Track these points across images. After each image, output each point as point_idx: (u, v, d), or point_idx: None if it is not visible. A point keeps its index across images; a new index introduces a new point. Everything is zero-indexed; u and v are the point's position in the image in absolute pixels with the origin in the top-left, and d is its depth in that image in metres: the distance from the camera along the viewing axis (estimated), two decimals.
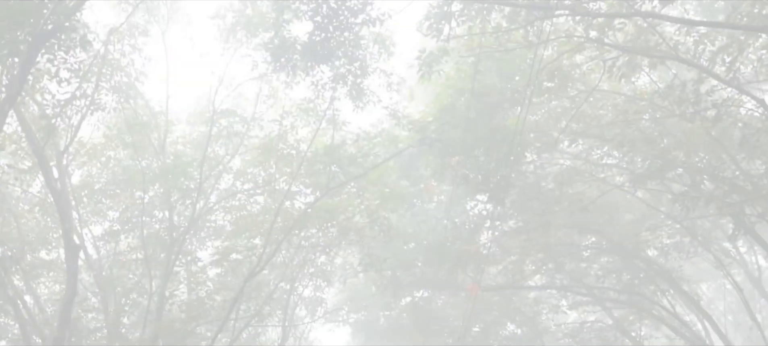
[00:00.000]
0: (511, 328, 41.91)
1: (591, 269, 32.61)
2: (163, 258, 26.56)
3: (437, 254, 28.86)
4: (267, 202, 27.43)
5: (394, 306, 40.56)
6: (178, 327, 25.74)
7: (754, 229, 22.78)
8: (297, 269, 32.50)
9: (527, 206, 28.26)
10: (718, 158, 21.88)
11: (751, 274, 40.58)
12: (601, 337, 35.73)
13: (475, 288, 27.93)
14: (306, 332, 45.53)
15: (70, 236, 19.68)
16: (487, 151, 24.45)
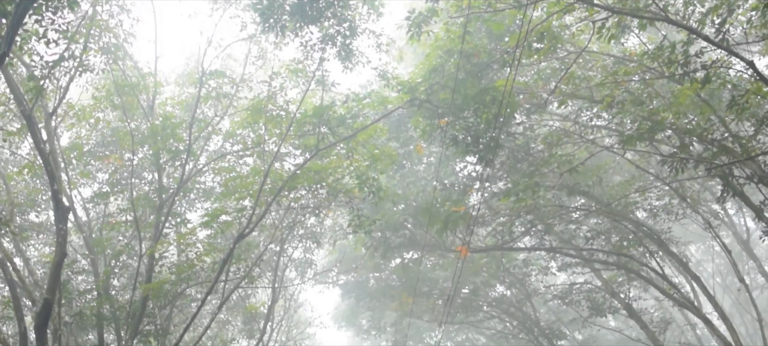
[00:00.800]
0: (500, 289, 42.15)
1: (580, 230, 32.75)
2: (153, 220, 26.55)
3: (426, 215, 28.88)
4: (256, 163, 27.37)
5: (383, 268, 40.76)
6: (168, 289, 25.76)
7: (742, 191, 22.82)
8: (286, 231, 32.54)
9: (516, 167, 28.29)
10: (707, 120, 21.90)
11: (740, 236, 40.80)
12: (589, 298, 35.90)
13: (464, 250, 27.99)
14: (296, 294, 45.67)
15: (59, 198, 19.63)
16: (476, 112, 24.42)
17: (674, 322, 40.99)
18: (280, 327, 43.73)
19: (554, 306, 44.35)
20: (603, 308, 35.78)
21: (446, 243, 33.64)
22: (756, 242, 39.93)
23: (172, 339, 27.34)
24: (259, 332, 37.44)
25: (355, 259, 42.58)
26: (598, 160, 28.87)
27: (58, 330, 21.33)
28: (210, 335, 37.32)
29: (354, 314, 50.90)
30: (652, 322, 34.43)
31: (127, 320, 24.69)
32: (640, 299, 36.82)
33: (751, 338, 52.94)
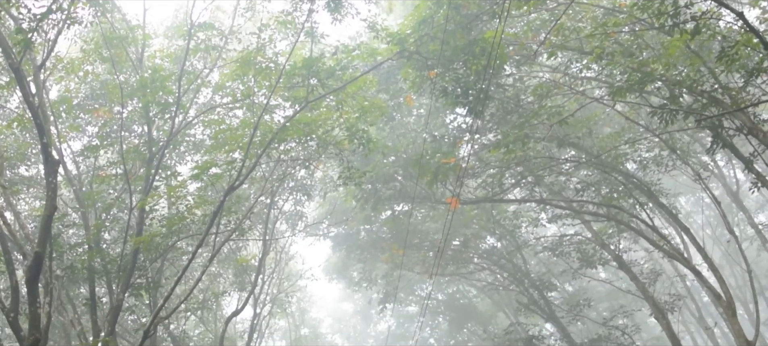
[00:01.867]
0: (490, 241, 42.30)
1: (570, 182, 32.82)
2: (143, 173, 26.51)
3: (416, 167, 28.90)
4: (246, 116, 27.30)
5: (374, 220, 40.86)
6: (159, 242, 25.78)
7: (732, 142, 22.88)
8: (277, 183, 32.55)
9: (506, 119, 28.30)
10: (696, 71, 21.87)
11: (729, 187, 40.98)
12: (580, 250, 36.09)
13: (455, 201, 28.04)
14: (286, 246, 45.80)
15: (49, 152, 19.57)
16: (465, 64, 24.37)
17: (664, 273, 41.23)
18: (272, 279, 43.89)
19: (544, 258, 44.60)
20: (593, 259, 35.98)
21: (436, 195, 33.69)
22: (745, 194, 40.20)
23: (164, 292, 27.45)
24: (250, 284, 37.58)
25: (345, 211, 42.69)
26: (587, 112, 28.86)
27: (49, 284, 21.35)
28: (201, 288, 37.49)
29: (345, 266, 51.13)
30: (642, 273, 34.67)
31: (119, 274, 24.73)
32: (630, 251, 37.01)
33: (741, 289, 53.35)
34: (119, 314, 25.35)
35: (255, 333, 41.90)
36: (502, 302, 50.87)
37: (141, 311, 33.26)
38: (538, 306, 39.32)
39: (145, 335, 20.98)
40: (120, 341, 31.58)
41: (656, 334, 52.70)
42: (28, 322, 18.83)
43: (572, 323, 40.92)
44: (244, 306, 37.40)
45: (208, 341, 41.86)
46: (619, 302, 44.60)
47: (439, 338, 64.90)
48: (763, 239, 36.52)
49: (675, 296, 35.68)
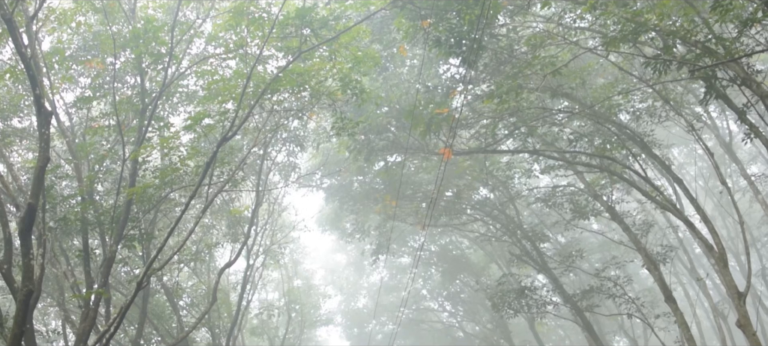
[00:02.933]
0: (483, 192, 42.35)
1: (563, 133, 32.78)
2: (136, 124, 26.43)
3: (409, 118, 28.84)
4: (239, 66, 27.15)
5: (367, 171, 40.87)
6: (152, 193, 25.77)
7: (725, 93, 22.85)
8: (270, 134, 32.49)
9: (499, 69, 28.22)
10: (690, 22, 21.79)
11: (722, 139, 41.05)
12: (572, 201, 36.17)
13: (448, 152, 28.03)
14: (279, 197, 45.86)
15: (42, 103, 19.46)
16: (459, 13, 24.25)
17: (656, 224, 41.37)
18: (264, 231, 44.00)
19: (537, 209, 44.74)
20: (586, 210, 36.08)
21: (429, 146, 33.68)
22: (738, 145, 40.26)
23: (157, 243, 27.46)
24: (243, 235, 37.70)
25: (338, 162, 42.71)
26: (581, 63, 28.79)
27: (42, 235, 21.34)
28: (194, 240, 37.56)
29: (338, 217, 51.20)
30: (635, 224, 34.76)
31: (112, 225, 24.71)
32: (623, 202, 37.12)
33: (733, 240, 53.64)
34: (112, 266, 25.37)
35: (248, 284, 42.07)
36: (495, 253, 51.07)
37: (134, 263, 33.35)
38: (531, 257, 39.48)
39: (138, 286, 21.01)
40: (113, 292, 31.69)
41: (648, 285, 53.05)
42: (21, 273, 18.85)
43: (564, 275, 41.16)
44: (237, 257, 37.54)
45: (201, 292, 42.03)
46: (612, 253, 44.80)
47: (431, 289, 65.28)
48: (756, 190, 36.61)
49: (667, 248, 35.84)
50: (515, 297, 39.75)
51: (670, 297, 29.58)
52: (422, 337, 71.73)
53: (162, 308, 37.43)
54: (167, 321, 37.58)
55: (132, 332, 35.12)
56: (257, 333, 56.83)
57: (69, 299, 28.76)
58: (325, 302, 67.52)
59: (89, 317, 22.49)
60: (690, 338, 28.96)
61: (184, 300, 40.45)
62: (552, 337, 71.22)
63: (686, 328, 29.12)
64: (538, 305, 40.20)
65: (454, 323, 68.42)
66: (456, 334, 68.49)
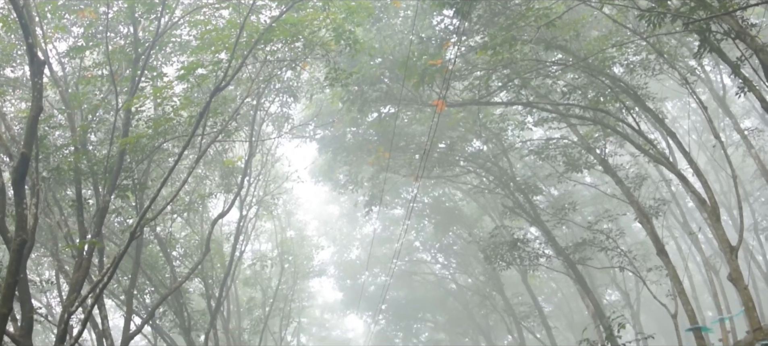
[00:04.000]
0: (476, 144, 42.40)
1: (556, 85, 32.75)
2: (129, 74, 26.32)
3: (403, 69, 28.79)
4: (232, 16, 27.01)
5: (360, 122, 40.83)
6: (145, 143, 25.74)
7: (719, 46, 22.82)
8: (263, 85, 32.43)
9: (493, 20, 28.11)
10: None
11: (716, 92, 41.02)
12: (565, 154, 36.20)
13: (441, 104, 28.04)
14: (273, 148, 45.85)
15: (34, 52, 19.35)
16: None
17: (649, 178, 41.51)
18: (258, 181, 44.04)
19: (530, 161, 44.76)
20: (579, 163, 36.14)
21: (423, 97, 33.66)
22: (732, 99, 40.20)
23: (150, 194, 27.48)
24: (236, 186, 37.70)
25: (331, 113, 42.66)
26: (575, 15, 28.70)
27: (35, 185, 21.34)
28: (188, 190, 37.57)
29: (331, 168, 51.21)
30: (628, 177, 34.84)
31: (105, 175, 24.72)
32: (616, 155, 37.20)
33: (725, 194, 53.82)
34: (106, 216, 25.43)
35: (241, 235, 42.17)
36: (488, 206, 51.20)
37: (127, 213, 33.39)
38: (524, 210, 39.60)
39: (131, 236, 21.05)
40: (106, 242, 31.77)
41: (641, 238, 53.22)
42: (14, 223, 18.88)
43: (557, 227, 41.32)
44: (230, 208, 37.60)
45: (195, 242, 42.11)
46: (604, 207, 44.94)
47: (424, 240, 65.51)
48: (749, 144, 36.69)
49: (660, 201, 35.95)
50: (508, 249, 39.94)
51: (663, 250, 29.74)
52: (415, 288, 72.10)
53: (155, 258, 37.52)
54: (160, 271, 37.70)
55: (125, 282, 35.18)
56: (250, 284, 57.07)
57: (62, 249, 28.76)
58: (318, 254, 67.78)
59: (83, 267, 22.56)
60: (682, 291, 29.16)
61: (177, 250, 40.52)
62: (544, 289, 71.64)
63: (678, 281, 29.31)
64: (530, 258, 40.40)
65: (446, 274, 68.75)
66: (448, 286, 68.86)
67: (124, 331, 29.21)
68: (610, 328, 31.71)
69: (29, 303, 20.11)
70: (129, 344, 28.93)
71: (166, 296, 33.00)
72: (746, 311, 24.90)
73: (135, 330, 30.62)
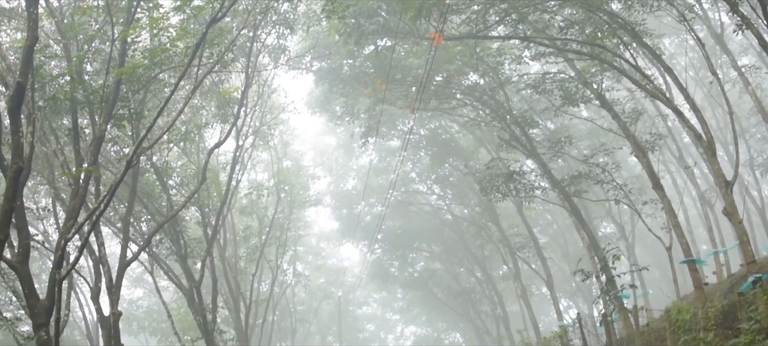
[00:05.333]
0: (473, 77, 42.27)
1: (554, 20, 32.62)
2: (125, 4, 26.19)
3: (400, 1, 28.67)
4: None
5: (357, 54, 40.69)
6: (141, 73, 25.74)
7: None
8: (260, 16, 32.29)
9: None
10: None
11: (714, 29, 40.87)
12: (562, 88, 36.18)
13: (438, 37, 27.95)
14: (269, 79, 45.75)
15: None
16: None
17: (646, 113, 41.53)
18: (254, 112, 43.99)
19: (527, 95, 44.69)
20: (575, 97, 36.14)
21: (420, 30, 33.54)
22: (730, 37, 40.02)
23: (146, 123, 27.50)
24: (232, 116, 37.71)
25: (328, 45, 42.53)
26: None
27: (31, 114, 21.39)
28: (184, 120, 37.57)
29: (327, 100, 51.11)
30: (624, 112, 34.90)
31: (101, 105, 24.73)
32: (613, 90, 37.17)
33: (721, 130, 53.88)
34: (102, 145, 25.51)
35: (237, 165, 42.30)
36: (484, 138, 51.24)
37: (124, 142, 33.43)
38: (520, 142, 39.63)
39: (127, 165, 21.17)
40: (103, 171, 31.84)
41: (636, 172, 53.44)
42: (11, 151, 18.98)
43: (553, 160, 41.40)
44: (226, 138, 37.67)
45: (191, 172, 42.23)
46: (601, 141, 44.94)
47: (420, 172, 65.60)
48: (746, 81, 36.68)
49: (656, 136, 36.06)
50: (504, 181, 40.12)
51: (658, 184, 29.90)
52: (411, 219, 72.30)
53: (152, 187, 37.64)
54: (157, 200, 37.84)
55: (122, 210, 35.36)
56: (247, 213, 57.31)
57: (59, 177, 28.90)
58: (314, 184, 67.88)
59: (79, 195, 22.71)
60: (677, 224, 29.39)
61: (173, 180, 40.63)
62: (539, 221, 71.97)
63: (673, 215, 29.52)
64: (526, 190, 40.60)
65: (442, 205, 68.97)
66: (444, 216, 69.12)
67: (120, 258, 29.44)
68: (604, 259, 31.93)
69: (26, 230, 20.30)
70: (126, 271, 29.25)
71: (162, 223, 33.21)
72: (740, 245, 25.14)
73: (131, 257, 30.90)
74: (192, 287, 37.63)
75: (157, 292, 43.22)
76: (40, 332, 19.08)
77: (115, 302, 27.23)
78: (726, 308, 22.06)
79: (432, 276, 77.58)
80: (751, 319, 18.28)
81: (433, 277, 77.57)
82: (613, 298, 32.20)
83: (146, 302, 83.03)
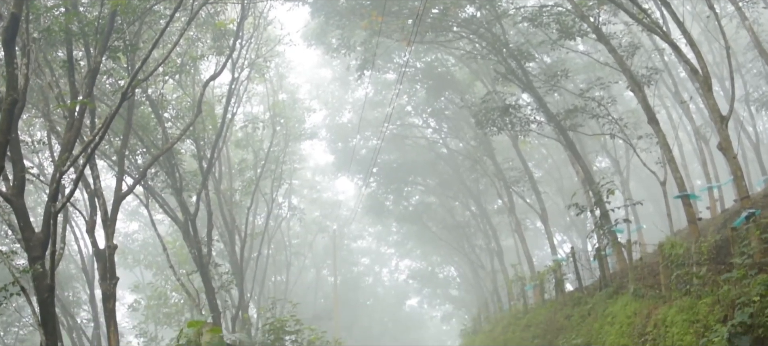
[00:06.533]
0: (470, 10, 42.08)
1: None
2: None
3: None
4: None
5: None
6: (136, 4, 25.55)
7: None
8: None
9: None
10: None
11: None
12: (559, 21, 35.99)
13: None
14: (265, 10, 45.43)
15: None
16: None
17: (642, 47, 41.33)
18: (250, 44, 43.75)
19: (523, 28, 44.48)
20: (572, 31, 35.95)
21: None
22: None
23: (141, 55, 27.36)
24: (228, 49, 37.52)
25: None
26: None
27: (26, 46, 21.23)
28: (179, 52, 37.34)
29: (323, 32, 50.88)
30: (621, 46, 34.72)
31: (96, 36, 24.58)
32: (609, 23, 36.94)
33: (718, 65, 53.71)
34: (97, 77, 25.39)
35: (233, 97, 42.18)
36: (480, 71, 51.09)
37: (119, 74, 33.29)
38: (516, 76, 39.54)
39: (122, 97, 21.07)
40: (98, 103, 31.76)
41: (632, 107, 53.30)
42: (5, 83, 18.88)
43: (549, 94, 41.35)
44: (221, 70, 37.51)
45: (186, 104, 42.07)
46: (597, 74, 44.82)
47: (416, 105, 65.51)
48: (743, 16, 36.46)
49: (652, 70, 35.94)
50: (499, 115, 40.09)
51: (653, 119, 29.88)
52: (406, 152, 72.38)
53: (147, 119, 37.53)
54: (152, 132, 37.78)
55: (117, 143, 35.29)
56: (242, 146, 57.26)
57: (54, 109, 28.81)
58: (309, 116, 67.80)
59: (74, 127, 22.66)
60: (671, 159, 29.41)
61: (168, 112, 40.47)
62: (535, 155, 72.04)
63: (668, 149, 29.53)
64: (521, 123, 40.61)
65: (437, 139, 68.97)
66: (439, 150, 69.16)
67: (116, 191, 29.51)
68: (599, 193, 32.07)
69: (21, 163, 20.27)
70: (121, 204, 29.29)
71: (157, 156, 33.21)
72: (735, 180, 25.20)
73: (127, 190, 30.94)
74: (187, 220, 37.74)
75: (153, 225, 43.29)
76: (35, 265, 19.15)
77: (111, 235, 27.32)
78: (719, 243, 22.15)
79: (427, 210, 77.90)
80: (743, 254, 18.34)
81: (428, 211, 77.89)
82: (607, 232, 32.38)
83: (141, 236, 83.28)
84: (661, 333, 19.93)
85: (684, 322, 18.19)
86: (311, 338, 35.79)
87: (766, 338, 13.35)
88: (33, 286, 19.52)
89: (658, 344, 19.95)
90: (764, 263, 17.33)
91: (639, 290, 24.10)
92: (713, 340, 14.78)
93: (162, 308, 58.72)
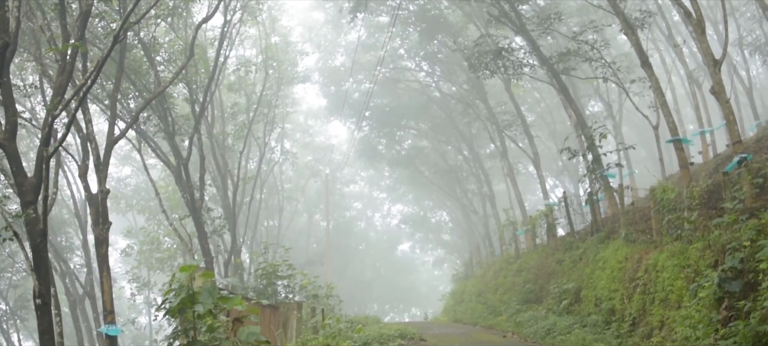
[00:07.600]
0: None
1: None
2: None
3: None
4: None
5: None
6: None
7: None
8: None
9: None
10: None
11: None
12: None
13: None
14: None
15: None
16: None
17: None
18: None
19: None
20: None
21: None
22: None
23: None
24: None
25: None
26: None
27: None
28: None
29: None
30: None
31: None
32: None
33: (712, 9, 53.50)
34: (89, 20, 25.22)
35: (225, 41, 42.01)
36: (473, 14, 50.89)
37: (110, 17, 33.06)
38: (509, 18, 39.34)
39: (114, 40, 20.96)
40: (90, 47, 31.56)
41: (625, 50, 53.14)
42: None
43: (542, 37, 41.17)
44: (214, 12, 37.34)
45: (179, 47, 41.88)
46: (590, 17, 44.63)
47: (409, 48, 65.26)
48: None
49: (645, 13, 35.78)
50: (492, 58, 40.02)
51: (646, 63, 29.81)
52: (399, 96, 72.28)
53: (139, 63, 37.34)
54: (144, 76, 37.62)
55: (109, 87, 35.18)
56: (234, 89, 57.19)
57: (46, 53, 28.65)
58: (302, 60, 67.58)
59: (66, 71, 22.52)
60: (664, 103, 29.39)
61: (161, 56, 40.29)
62: (527, 99, 71.95)
63: (661, 93, 29.51)
64: (514, 67, 40.54)
65: (430, 82, 68.82)
66: (432, 93, 69.06)
67: (108, 135, 29.42)
68: (591, 138, 32.11)
69: (13, 107, 20.16)
70: (113, 148, 29.25)
71: (150, 100, 33.14)
72: (727, 125, 25.19)
73: (119, 134, 30.88)
74: (179, 164, 37.78)
75: (145, 169, 43.38)
76: (27, 209, 19.14)
77: (103, 179, 27.33)
78: (711, 188, 22.26)
79: (419, 154, 77.93)
80: (735, 199, 18.44)
81: (421, 155, 77.92)
82: (599, 177, 32.49)
83: (134, 180, 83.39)
84: (651, 278, 20.08)
85: (675, 267, 18.31)
86: (303, 282, 36.01)
87: (756, 282, 13.43)
88: (26, 231, 19.53)
89: (649, 289, 20.11)
90: (755, 207, 17.42)
91: (630, 234, 24.25)
92: (704, 285, 14.87)
93: (154, 253, 59.06)
